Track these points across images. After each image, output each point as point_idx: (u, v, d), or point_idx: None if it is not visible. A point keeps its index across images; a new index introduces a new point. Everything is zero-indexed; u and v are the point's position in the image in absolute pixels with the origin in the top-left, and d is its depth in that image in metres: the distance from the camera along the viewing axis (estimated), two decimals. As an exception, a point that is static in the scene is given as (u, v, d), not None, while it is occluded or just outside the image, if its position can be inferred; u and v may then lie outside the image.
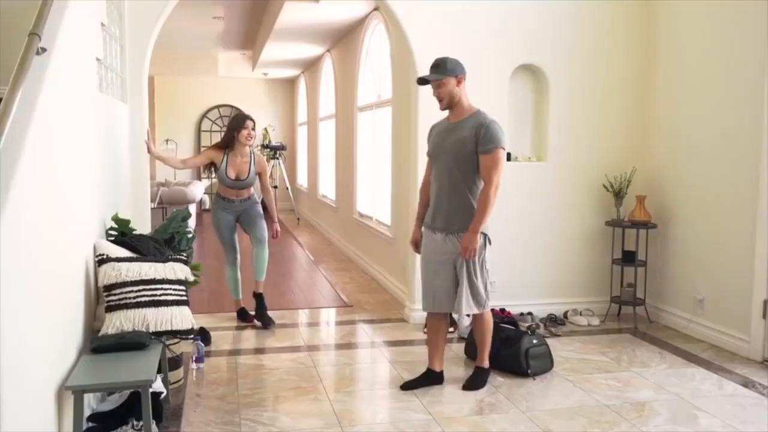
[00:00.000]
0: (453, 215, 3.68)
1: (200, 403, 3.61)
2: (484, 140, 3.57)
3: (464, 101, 3.71)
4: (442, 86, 3.65)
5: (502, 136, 3.61)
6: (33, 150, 2.28)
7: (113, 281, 3.06)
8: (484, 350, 3.92)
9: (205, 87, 13.52)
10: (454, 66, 3.66)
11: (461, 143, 3.62)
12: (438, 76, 3.64)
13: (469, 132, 3.60)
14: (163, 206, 9.35)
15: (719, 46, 4.66)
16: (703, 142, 4.81)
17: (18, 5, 3.66)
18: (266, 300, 5.23)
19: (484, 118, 3.64)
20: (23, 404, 2.15)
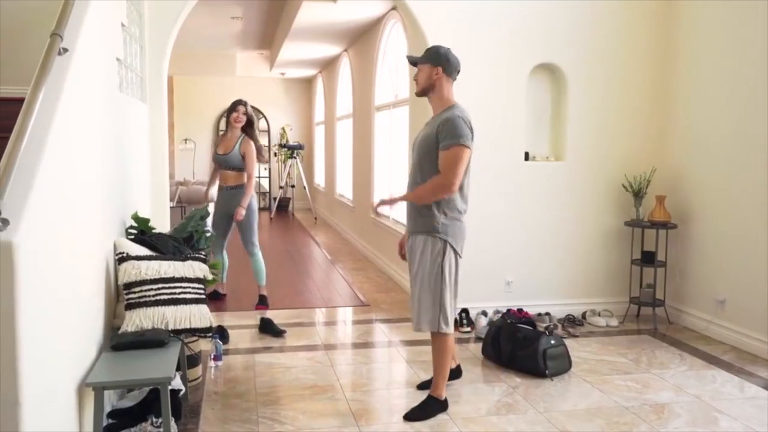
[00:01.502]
0: (416, 216, 3.40)
1: (218, 400, 3.63)
2: (443, 135, 3.25)
3: (443, 95, 3.41)
4: (419, 71, 3.45)
5: (464, 132, 3.24)
6: (54, 149, 2.30)
7: (133, 279, 3.08)
8: (438, 377, 3.47)
9: (223, 87, 13.60)
10: (438, 57, 3.39)
11: (426, 139, 3.36)
12: (418, 59, 3.47)
13: (434, 128, 3.33)
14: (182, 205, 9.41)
15: (739, 45, 4.60)
16: (724, 142, 4.75)
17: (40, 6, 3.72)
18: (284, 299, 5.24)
19: (451, 112, 3.31)
20: (45, 401, 2.18)
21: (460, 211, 3.40)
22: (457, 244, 3.39)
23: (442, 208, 3.33)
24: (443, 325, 3.37)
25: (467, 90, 5.04)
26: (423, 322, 3.37)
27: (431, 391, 3.50)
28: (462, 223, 3.42)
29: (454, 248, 3.37)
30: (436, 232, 3.32)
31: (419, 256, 3.37)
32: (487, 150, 5.11)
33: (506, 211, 5.20)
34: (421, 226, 3.36)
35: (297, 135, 14.18)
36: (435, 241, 3.33)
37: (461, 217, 3.41)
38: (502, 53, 5.09)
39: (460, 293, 5.07)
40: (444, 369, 3.47)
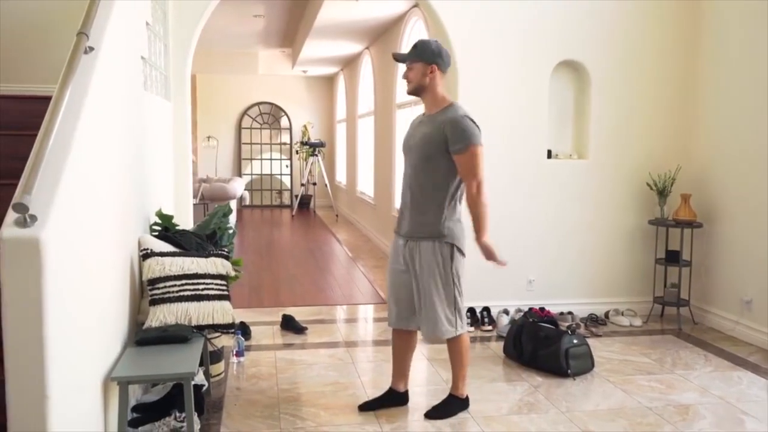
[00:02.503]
0: (417, 221, 3.26)
1: (240, 396, 3.66)
2: (455, 138, 3.13)
3: (437, 93, 3.26)
4: (411, 69, 3.26)
5: (477, 131, 3.17)
6: (80, 147, 2.34)
7: (157, 275, 3.11)
8: (459, 377, 3.44)
9: (246, 85, 13.68)
10: (431, 53, 3.22)
11: (428, 139, 3.21)
12: (408, 56, 3.26)
13: (437, 128, 3.18)
14: (205, 202, 9.49)
15: (764, 43, 4.53)
16: (750, 140, 4.68)
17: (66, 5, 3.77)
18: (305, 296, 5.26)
19: (454, 112, 3.19)
20: (71, 394, 2.21)
21: (459, 211, 3.31)
22: (462, 244, 3.30)
23: (446, 211, 3.24)
24: (461, 328, 3.32)
25: (490, 87, 5.03)
26: (442, 332, 3.26)
27: (452, 390, 3.48)
28: (461, 222, 3.32)
29: (461, 250, 3.29)
30: (443, 236, 3.22)
31: (428, 264, 3.23)
32: (509, 148, 5.09)
33: (528, 209, 5.17)
34: (427, 232, 3.23)
35: (318, 133, 14.22)
36: (442, 246, 3.23)
37: (461, 216, 3.32)
38: (525, 50, 5.06)
39: (481, 291, 5.12)
40: (465, 367, 3.43)
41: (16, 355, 1.96)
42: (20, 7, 3.95)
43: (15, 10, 3.95)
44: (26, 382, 1.97)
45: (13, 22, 3.96)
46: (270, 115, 14.04)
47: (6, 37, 3.96)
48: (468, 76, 5.00)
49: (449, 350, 3.43)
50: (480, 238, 3.24)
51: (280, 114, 14.07)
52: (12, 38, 3.97)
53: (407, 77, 3.30)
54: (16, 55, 3.96)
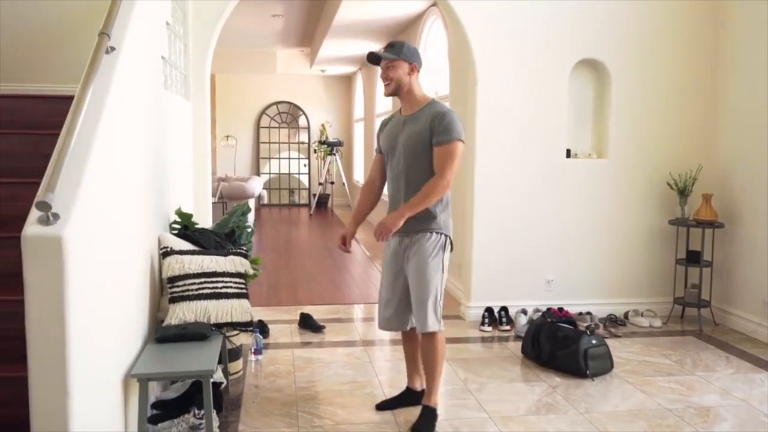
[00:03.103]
0: (412, 217, 3.16)
1: (259, 394, 3.68)
2: (439, 131, 3.09)
3: (416, 92, 3.24)
4: (393, 68, 3.20)
5: (460, 127, 3.12)
6: (102, 146, 2.36)
7: (177, 273, 3.14)
8: (434, 383, 3.27)
9: (264, 84, 13.74)
10: (411, 52, 3.22)
11: (416, 137, 3.16)
12: (391, 55, 3.19)
13: (424, 124, 3.15)
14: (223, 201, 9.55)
15: (794, 38, 4.46)
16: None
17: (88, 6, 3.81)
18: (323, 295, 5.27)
19: (440, 108, 3.18)
20: (92, 391, 2.23)
21: (449, 204, 3.27)
22: (453, 237, 3.29)
23: (440, 204, 3.20)
24: (441, 323, 3.23)
25: (508, 85, 5.01)
26: (433, 322, 3.17)
27: (425, 400, 3.29)
28: (450, 216, 3.29)
29: (452, 242, 3.27)
30: (438, 228, 3.19)
31: (424, 255, 3.17)
32: (528, 147, 5.07)
33: (547, 209, 5.14)
34: (421, 224, 3.17)
35: (336, 132, 14.25)
36: (438, 237, 3.19)
37: (450, 210, 3.29)
38: (544, 48, 5.03)
39: (499, 291, 5.11)
40: (440, 373, 3.29)
41: (39, 352, 1.99)
42: (43, 7, 4.00)
43: (38, 10, 4.00)
44: (48, 379, 1.99)
45: (35, 23, 4.01)
46: (288, 115, 14.09)
47: (29, 38, 4.01)
48: (487, 74, 4.98)
49: (423, 349, 3.28)
50: (405, 210, 3.10)
51: (299, 113, 14.11)
52: (35, 38, 4.02)
53: (387, 76, 3.23)
54: (39, 55, 4.01)
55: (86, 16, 3.91)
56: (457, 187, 5.95)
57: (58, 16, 4.03)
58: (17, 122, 3.38)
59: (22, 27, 4.00)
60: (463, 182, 5.40)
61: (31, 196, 2.04)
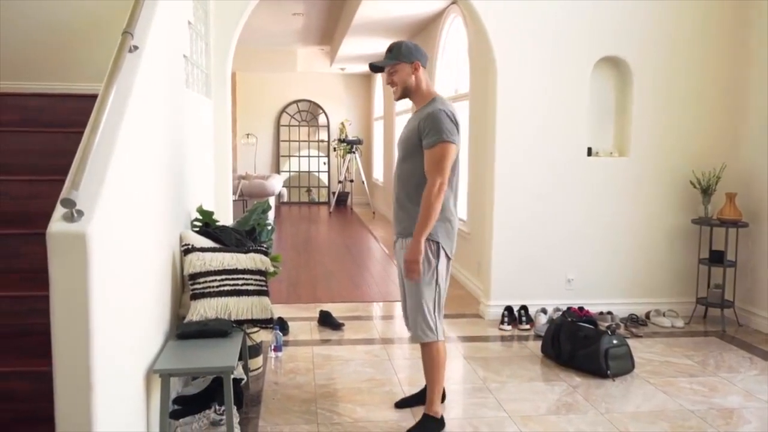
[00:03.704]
0: (404, 217, 3.15)
1: (278, 390, 3.70)
2: (426, 132, 2.99)
3: (423, 89, 3.17)
4: (395, 73, 3.15)
5: (449, 127, 2.98)
6: (124, 144, 2.39)
7: (198, 270, 3.16)
8: (432, 392, 3.20)
9: (284, 82, 13.79)
10: (410, 51, 3.15)
11: (409, 136, 3.11)
12: (390, 61, 3.15)
13: (415, 124, 3.08)
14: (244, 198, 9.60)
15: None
16: (801, 137, 4.54)
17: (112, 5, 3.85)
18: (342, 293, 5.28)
19: (433, 106, 3.05)
20: (115, 386, 2.26)
21: (450, 210, 3.12)
22: (448, 245, 3.13)
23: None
24: (438, 334, 3.13)
25: (529, 83, 4.98)
26: (422, 332, 3.11)
27: (426, 409, 3.22)
28: (450, 222, 3.13)
29: (446, 251, 3.12)
30: (429, 234, 3.04)
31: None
32: (548, 145, 5.04)
33: (567, 207, 5.11)
34: (412, 228, 3.07)
35: (356, 130, 14.26)
36: (428, 243, 3.05)
37: (451, 217, 3.13)
38: (565, 46, 4.99)
39: (519, 290, 5.09)
40: (440, 383, 3.20)
41: (63, 347, 2.02)
42: (67, 7, 4.05)
43: (62, 10, 4.06)
44: (72, 374, 2.02)
45: (60, 22, 4.07)
46: (308, 113, 14.13)
47: (54, 37, 4.07)
48: (507, 72, 4.96)
49: (424, 359, 3.21)
50: (414, 240, 3.01)
51: (318, 111, 14.15)
52: (59, 38, 4.07)
53: (392, 82, 3.19)
54: (64, 54, 4.06)
55: (109, 15, 3.96)
56: (476, 184, 5.94)
57: (81, 15, 4.08)
58: (42, 120, 3.44)
59: (46, 26, 4.06)
60: (483, 180, 5.38)
61: (56, 194, 2.07)
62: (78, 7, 4.07)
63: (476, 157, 5.97)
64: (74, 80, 3.91)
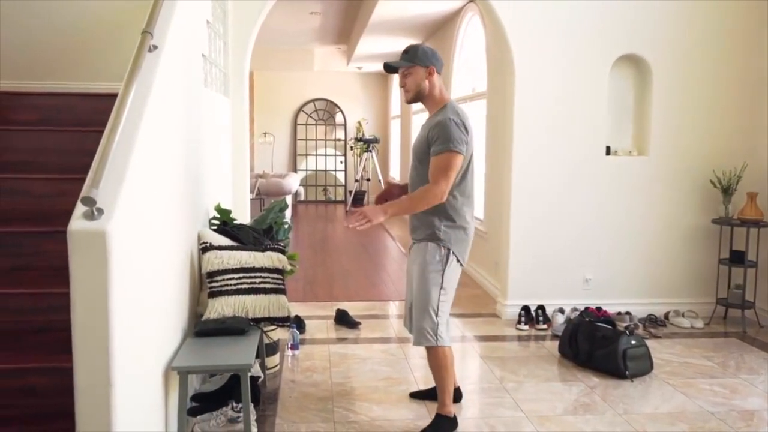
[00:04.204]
0: (418, 225, 3.17)
1: (295, 388, 3.71)
2: (434, 140, 3.00)
3: (436, 95, 3.16)
4: (409, 75, 3.15)
5: (457, 136, 2.97)
6: (144, 142, 2.40)
7: (216, 268, 3.18)
8: (442, 394, 3.21)
9: (301, 81, 13.83)
10: (426, 55, 3.14)
11: (419, 144, 3.13)
12: (405, 62, 3.15)
13: (426, 131, 3.10)
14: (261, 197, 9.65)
15: None
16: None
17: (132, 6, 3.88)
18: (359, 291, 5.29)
19: (443, 115, 3.04)
20: (134, 382, 2.28)
21: (464, 218, 3.13)
22: (460, 252, 3.14)
23: (443, 215, 3.09)
24: (442, 337, 3.13)
25: (547, 82, 4.96)
26: (422, 336, 3.12)
27: (438, 409, 3.24)
28: (466, 230, 3.14)
29: (457, 257, 3.13)
30: (439, 239, 3.09)
31: (420, 264, 3.13)
32: (566, 144, 5.01)
33: (586, 207, 5.07)
34: (422, 234, 3.13)
35: (373, 129, 14.26)
36: (437, 248, 3.09)
37: (466, 224, 3.14)
38: (584, 44, 4.96)
39: (536, 289, 5.06)
40: (447, 384, 3.20)
41: (84, 343, 2.04)
42: (88, 7, 4.09)
43: (82, 10, 4.10)
44: (92, 370, 2.04)
45: (80, 22, 4.11)
46: (325, 112, 14.16)
47: (74, 37, 4.11)
48: (525, 71, 4.93)
49: (430, 363, 3.23)
50: (390, 206, 3.02)
51: (335, 110, 14.17)
52: (80, 37, 4.11)
53: (404, 84, 3.19)
54: (84, 54, 4.10)
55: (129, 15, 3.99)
56: (493, 183, 5.92)
57: (102, 15, 4.12)
58: (63, 120, 3.47)
59: (67, 26, 4.10)
60: (500, 179, 5.36)
61: (77, 192, 2.09)
62: (97, 7, 4.11)
63: (493, 156, 5.95)
64: (94, 80, 3.95)
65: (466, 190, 3.14)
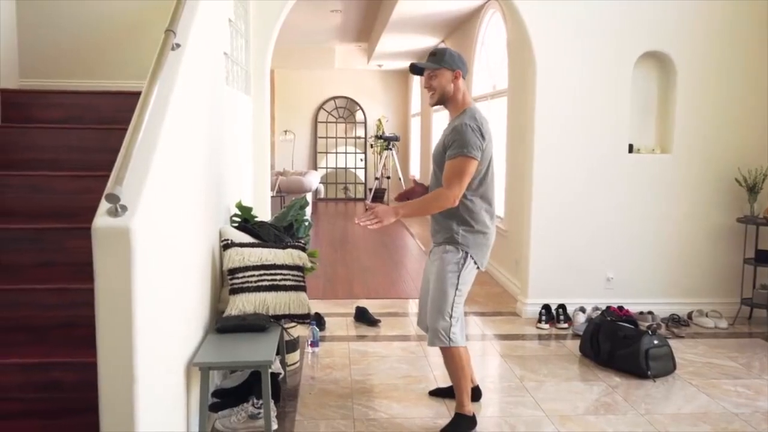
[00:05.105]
0: (436, 226, 3.21)
1: (315, 385, 3.73)
2: (450, 144, 3.03)
3: (459, 99, 3.16)
4: (435, 78, 3.14)
5: (471, 141, 2.98)
6: (166, 140, 2.42)
7: (237, 265, 3.20)
8: (459, 393, 3.22)
9: (322, 79, 13.87)
10: (453, 59, 3.13)
11: (439, 150, 3.15)
12: (433, 65, 3.14)
13: (444, 136, 3.12)
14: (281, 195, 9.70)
15: None
16: None
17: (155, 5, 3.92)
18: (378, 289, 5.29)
19: (461, 120, 3.06)
20: (157, 378, 2.30)
21: (484, 223, 3.14)
22: (478, 256, 3.15)
23: (460, 220, 3.11)
24: (455, 337, 3.14)
25: (569, 79, 4.92)
26: (436, 337, 3.14)
27: (456, 408, 3.25)
28: (485, 235, 3.16)
29: (475, 260, 3.15)
30: (458, 243, 3.12)
31: (438, 266, 3.16)
32: (589, 142, 4.97)
33: (608, 205, 5.03)
34: (442, 238, 3.17)
35: (393, 126, 14.26)
36: (455, 251, 3.12)
37: (486, 229, 3.15)
38: (607, 40, 4.91)
39: (557, 288, 5.03)
40: (464, 384, 3.21)
41: (107, 339, 2.06)
42: (111, 6, 4.14)
43: (106, 9, 4.14)
44: (116, 365, 2.07)
45: (103, 21, 4.15)
46: (345, 110, 14.19)
47: (98, 36, 4.16)
48: (546, 68, 4.90)
49: (445, 363, 3.24)
50: (403, 207, 3.05)
51: (356, 108, 14.19)
52: (103, 37, 4.16)
53: (431, 86, 3.18)
54: (107, 52, 4.15)
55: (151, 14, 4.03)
56: (514, 181, 5.89)
57: (125, 15, 4.16)
58: (87, 118, 3.52)
59: (90, 26, 4.14)
60: (521, 177, 5.33)
61: (101, 189, 2.11)
62: (121, 6, 4.15)
63: (514, 154, 5.92)
64: (117, 78, 4.00)
65: (486, 194, 3.15)
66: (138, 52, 3.83)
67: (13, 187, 3.04)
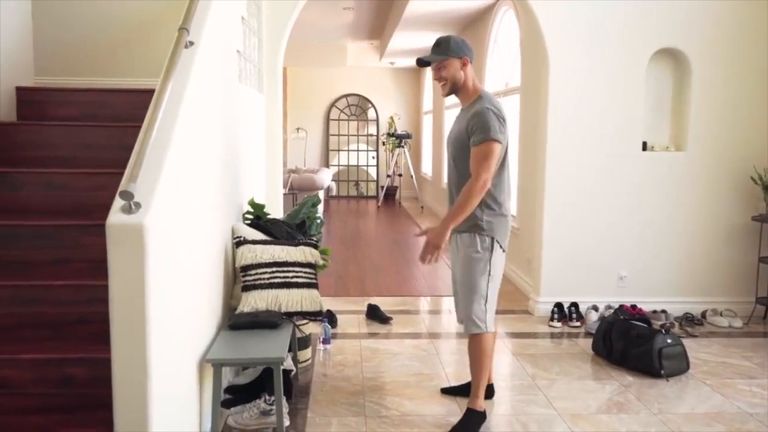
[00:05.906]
0: None
1: (327, 382, 3.74)
2: (474, 131, 3.02)
3: (470, 85, 3.17)
4: (444, 68, 3.14)
5: (496, 125, 3.00)
6: (180, 137, 2.44)
7: (249, 262, 3.22)
8: (476, 385, 3.21)
9: (334, 77, 13.87)
10: (459, 46, 3.13)
11: (458, 134, 3.15)
12: (439, 56, 3.13)
13: (465, 122, 3.10)
14: (294, 192, 9.71)
15: None
16: None
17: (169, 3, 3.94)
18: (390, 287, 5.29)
19: (480, 105, 3.07)
20: (170, 374, 2.32)
21: (502, 204, 3.16)
22: (503, 240, 3.17)
23: (483, 204, 3.10)
24: (487, 326, 3.15)
25: (583, 76, 4.89)
26: (473, 323, 3.14)
27: (469, 403, 3.22)
28: (505, 218, 3.18)
29: (501, 245, 3.17)
30: (482, 229, 3.12)
31: (466, 256, 3.16)
32: (601, 139, 4.94)
33: (621, 203, 5.00)
34: (465, 226, 3.13)
35: (405, 124, 14.25)
36: (483, 238, 3.12)
37: (504, 211, 3.17)
38: (620, 37, 4.88)
39: (569, 286, 5.01)
40: (484, 375, 3.20)
41: (121, 335, 2.08)
42: (125, 5, 4.17)
43: (122, 8, 4.17)
44: (130, 361, 2.08)
45: (117, 20, 4.18)
46: (357, 107, 14.19)
47: (112, 34, 4.19)
48: (560, 65, 4.87)
49: (469, 349, 3.23)
50: (446, 222, 3.06)
51: (368, 105, 14.19)
52: (117, 35, 4.19)
53: (440, 77, 3.18)
54: (121, 50, 4.18)
55: (165, 12, 4.05)
56: (526, 179, 5.87)
57: (140, 13, 4.19)
58: (101, 115, 3.54)
59: (104, 24, 4.17)
60: (534, 174, 5.31)
61: (115, 186, 2.13)
62: (135, 5, 4.17)
63: (527, 152, 5.89)
64: (131, 76, 4.02)
65: (503, 178, 3.17)
66: (151, 50, 3.85)
67: (29, 184, 3.06)
